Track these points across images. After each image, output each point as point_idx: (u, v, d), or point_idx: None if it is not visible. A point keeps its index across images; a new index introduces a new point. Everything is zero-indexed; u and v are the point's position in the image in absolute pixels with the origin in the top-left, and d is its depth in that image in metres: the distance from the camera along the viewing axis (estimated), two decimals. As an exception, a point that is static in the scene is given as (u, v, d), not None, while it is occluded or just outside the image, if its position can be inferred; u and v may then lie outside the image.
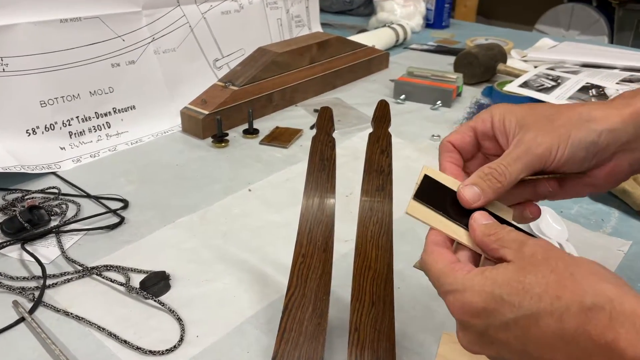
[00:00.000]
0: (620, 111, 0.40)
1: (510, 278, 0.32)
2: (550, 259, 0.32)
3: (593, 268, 0.32)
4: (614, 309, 0.29)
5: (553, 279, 0.31)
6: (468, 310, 0.34)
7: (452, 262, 0.36)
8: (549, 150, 0.39)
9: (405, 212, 0.41)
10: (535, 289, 0.31)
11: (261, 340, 0.52)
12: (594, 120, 0.39)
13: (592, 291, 0.30)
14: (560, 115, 0.40)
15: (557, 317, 0.30)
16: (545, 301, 0.31)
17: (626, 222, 0.71)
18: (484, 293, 0.33)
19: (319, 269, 0.51)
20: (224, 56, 1.14)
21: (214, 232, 0.69)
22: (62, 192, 0.77)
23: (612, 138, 0.39)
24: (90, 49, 0.91)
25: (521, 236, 0.35)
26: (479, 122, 0.43)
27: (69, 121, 0.89)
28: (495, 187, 0.39)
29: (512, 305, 0.32)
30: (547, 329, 0.31)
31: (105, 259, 0.63)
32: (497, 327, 0.33)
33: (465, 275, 0.35)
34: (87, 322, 0.54)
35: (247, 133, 0.96)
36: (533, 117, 0.41)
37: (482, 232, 0.37)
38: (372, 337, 0.47)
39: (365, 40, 1.35)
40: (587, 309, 0.29)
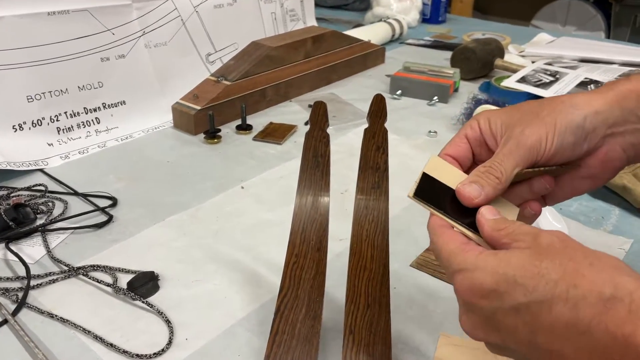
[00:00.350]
0: (603, 95, 0.40)
1: (526, 261, 0.31)
2: (568, 248, 0.31)
3: (613, 261, 0.30)
4: (633, 301, 0.28)
5: (571, 267, 0.30)
6: (477, 290, 0.33)
7: (464, 242, 0.36)
8: (538, 141, 0.38)
9: (407, 195, 0.41)
10: (552, 274, 0.30)
11: (253, 343, 0.51)
12: (577, 105, 0.39)
13: (612, 282, 0.29)
14: (544, 107, 0.40)
15: (572, 305, 0.29)
16: (561, 288, 0.29)
17: (627, 220, 0.70)
18: (496, 274, 0.32)
19: (312, 269, 0.50)
20: (217, 50, 1.11)
21: (205, 231, 0.67)
22: (49, 189, 0.75)
23: (598, 121, 0.39)
24: (78, 42, 0.89)
25: (534, 229, 0.34)
26: (468, 129, 0.43)
27: (57, 117, 0.86)
28: (494, 183, 0.38)
29: (526, 288, 0.30)
30: (560, 317, 0.29)
31: (92, 259, 0.61)
32: (506, 311, 0.31)
33: (477, 256, 0.33)
34: (72, 325, 0.52)
35: (240, 129, 0.94)
36: (518, 114, 0.40)
37: (491, 226, 0.36)
38: (368, 340, 0.46)
39: (361, 35, 1.33)
40: (606, 300, 0.28)
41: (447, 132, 0.95)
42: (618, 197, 0.73)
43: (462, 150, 0.42)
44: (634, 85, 0.40)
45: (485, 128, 0.42)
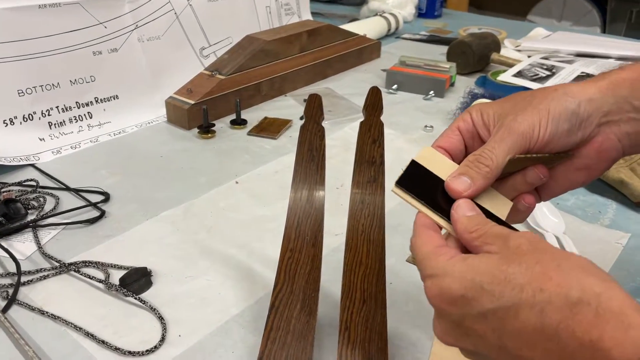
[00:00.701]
0: (596, 83, 0.40)
1: (493, 267, 0.31)
2: (536, 251, 0.31)
3: (581, 262, 0.30)
4: (600, 305, 0.27)
5: (538, 270, 0.29)
6: (445, 296, 0.32)
7: (439, 245, 0.35)
8: (531, 127, 0.38)
9: (391, 189, 0.40)
10: (518, 279, 0.29)
11: (247, 339, 0.50)
12: (571, 93, 0.39)
13: (579, 285, 0.28)
14: (537, 96, 0.40)
15: (539, 310, 0.28)
16: (527, 292, 0.29)
17: (624, 214, 0.70)
18: (464, 280, 0.31)
19: (307, 264, 0.49)
20: (211, 44, 1.10)
21: (199, 227, 0.66)
22: (40, 184, 0.74)
23: (592, 108, 0.39)
24: (70, 36, 0.87)
25: (505, 230, 0.34)
26: (460, 121, 0.42)
27: (49, 111, 0.85)
28: (484, 172, 0.38)
29: (492, 295, 0.30)
30: (527, 322, 0.29)
31: (83, 255, 0.60)
32: (474, 318, 0.31)
33: (447, 261, 0.33)
34: (63, 322, 0.51)
35: (235, 124, 0.93)
36: (510, 104, 0.40)
37: (464, 227, 0.36)
38: (363, 336, 0.45)
39: (357, 29, 1.32)
40: (572, 304, 0.28)
41: (443, 126, 0.94)
42: (615, 191, 0.73)
43: (454, 142, 0.42)
44: (627, 74, 0.40)
45: (478, 119, 0.41)
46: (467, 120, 0.42)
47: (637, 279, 0.58)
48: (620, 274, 0.59)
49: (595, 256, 0.61)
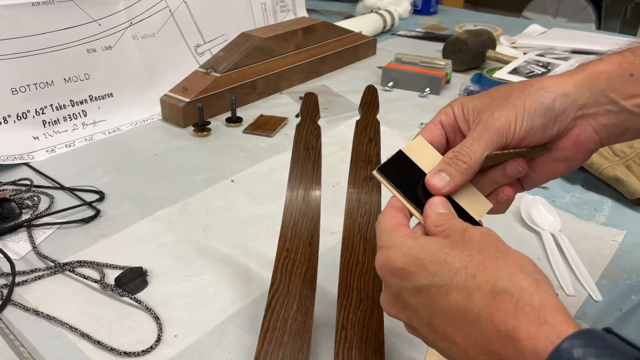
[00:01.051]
0: (573, 77, 0.40)
1: (438, 248, 0.33)
2: (484, 243, 0.33)
3: (520, 260, 0.32)
4: (521, 298, 0.29)
5: (477, 259, 0.31)
6: (388, 267, 0.35)
7: (399, 224, 0.37)
8: (507, 123, 0.38)
9: (372, 172, 0.41)
10: (457, 263, 0.32)
11: (243, 339, 0.50)
12: (547, 88, 0.39)
13: (508, 277, 0.30)
14: (514, 90, 0.40)
15: (466, 294, 0.30)
16: (460, 276, 0.31)
17: (619, 212, 0.70)
18: (408, 255, 0.34)
19: (304, 264, 0.49)
20: (206, 42, 1.10)
21: (195, 226, 0.66)
22: (34, 183, 0.74)
23: (567, 102, 0.39)
24: (64, 33, 0.87)
25: (467, 225, 0.35)
26: (442, 115, 0.43)
27: (43, 109, 0.85)
28: (462, 169, 0.39)
29: (429, 272, 0.32)
30: (454, 303, 0.31)
31: (78, 255, 0.60)
32: (410, 291, 0.33)
33: (400, 236, 0.35)
34: (58, 322, 0.51)
35: (230, 121, 0.92)
36: (488, 99, 0.41)
37: (432, 221, 0.37)
38: (360, 335, 0.45)
39: (352, 26, 1.32)
40: (496, 292, 0.29)
41: (439, 124, 0.94)
42: (611, 188, 0.73)
43: (437, 136, 0.42)
44: (605, 66, 0.40)
45: (459, 113, 0.42)
46: (449, 114, 0.42)
47: (632, 276, 0.58)
48: (616, 272, 0.59)
49: (591, 254, 0.61)
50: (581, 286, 0.56)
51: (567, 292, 0.55)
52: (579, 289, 0.56)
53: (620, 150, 0.75)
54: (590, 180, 0.75)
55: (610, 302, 0.54)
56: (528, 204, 0.68)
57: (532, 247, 0.62)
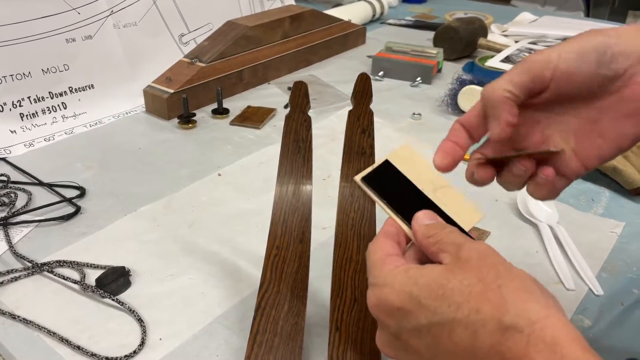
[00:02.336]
0: (630, 26, 0.35)
1: (433, 280, 0.30)
2: (483, 267, 0.30)
3: (525, 284, 0.29)
4: (533, 333, 0.26)
5: (478, 290, 0.29)
6: (383, 307, 0.32)
7: (388, 254, 0.34)
8: (546, 57, 0.35)
9: (354, 178, 0.39)
10: (456, 297, 0.29)
11: (232, 341, 0.47)
12: (604, 31, 0.35)
13: (515, 310, 0.27)
14: None
15: (472, 331, 0.28)
16: (462, 312, 0.28)
17: (617, 202, 0.68)
18: (402, 293, 0.31)
19: (295, 262, 0.47)
20: (191, 31, 1.06)
21: (180, 222, 0.63)
22: (11, 179, 0.70)
23: (625, 45, 0.34)
24: (41, 22, 0.83)
25: (460, 238, 0.33)
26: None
27: (20, 102, 0.81)
28: (493, 98, 0.36)
29: (428, 310, 0.30)
30: (459, 342, 0.28)
31: (58, 254, 0.57)
32: (410, 332, 0.31)
33: (390, 271, 0.33)
34: (36, 326, 0.48)
35: (216, 113, 0.89)
36: None
37: (422, 233, 0.35)
38: (355, 337, 0.43)
39: (341, 14, 1.29)
40: (504, 329, 0.27)
41: (431, 114, 0.92)
42: (608, 178, 0.71)
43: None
44: None
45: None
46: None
47: (633, 269, 0.57)
48: (616, 265, 0.57)
49: (589, 246, 0.59)
50: (581, 280, 0.55)
51: (567, 286, 0.54)
52: (579, 283, 0.54)
53: (617, 140, 0.73)
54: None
55: (611, 296, 0.53)
56: (524, 195, 0.66)
57: (530, 240, 0.61)
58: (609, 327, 0.49)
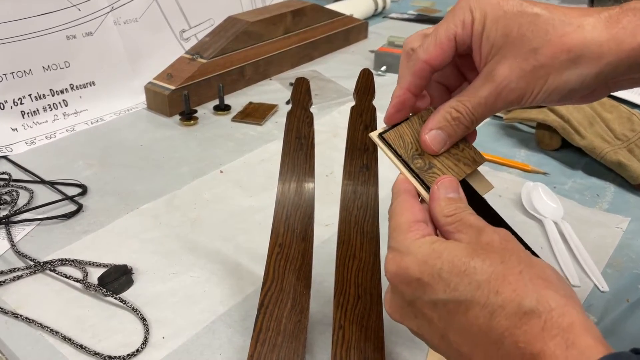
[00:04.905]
0: (619, 46, 0.32)
1: (456, 257, 0.30)
2: (505, 251, 0.30)
3: (546, 272, 0.29)
4: (550, 319, 0.26)
5: (499, 271, 0.28)
6: (403, 275, 0.32)
7: (416, 220, 0.33)
8: (520, 97, 0.34)
9: (369, 134, 0.38)
10: (477, 275, 0.29)
11: (235, 340, 0.47)
12: (583, 60, 0.32)
13: (535, 295, 0.27)
14: (547, 47, 0.33)
15: (489, 312, 0.28)
16: (482, 291, 0.28)
17: (622, 197, 0.68)
18: (424, 264, 0.31)
19: (298, 260, 0.46)
20: (192, 27, 1.06)
21: (182, 220, 0.63)
22: (13, 177, 0.70)
23: (597, 80, 0.34)
24: (42, 19, 0.83)
25: (481, 223, 0.32)
26: (458, 27, 0.35)
27: (21, 99, 0.81)
28: (462, 128, 0.36)
29: (448, 285, 0.29)
30: (475, 321, 0.28)
31: (60, 252, 0.57)
32: (425, 302, 0.31)
33: (415, 240, 0.32)
34: (38, 325, 0.48)
35: (218, 109, 0.89)
36: (516, 35, 0.33)
37: (441, 209, 0.34)
38: (359, 335, 0.42)
39: (343, 9, 1.28)
40: (523, 313, 0.27)
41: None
42: (613, 173, 0.71)
43: (446, 57, 0.35)
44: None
45: (478, 32, 0.34)
46: (467, 28, 0.34)
47: (639, 265, 0.56)
48: (622, 261, 0.57)
49: (595, 242, 0.59)
50: (586, 276, 0.54)
51: (572, 282, 0.53)
52: (585, 280, 0.54)
53: (622, 134, 0.72)
54: (591, 165, 0.73)
55: (617, 292, 0.52)
56: (529, 191, 0.65)
57: (535, 236, 0.60)
58: (614, 323, 0.49)
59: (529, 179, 0.69)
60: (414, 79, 0.37)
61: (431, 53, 0.35)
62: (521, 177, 0.71)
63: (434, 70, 0.36)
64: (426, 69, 0.36)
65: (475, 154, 0.38)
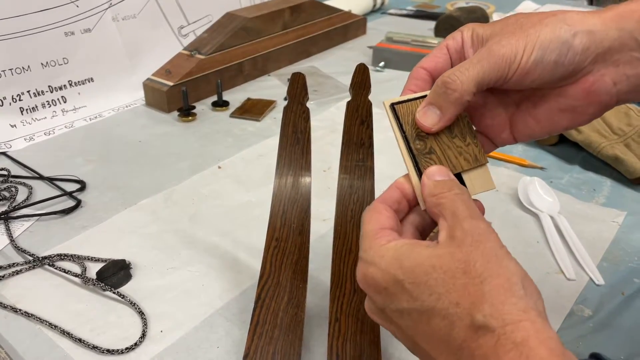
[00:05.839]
0: (601, 15, 0.35)
1: (418, 266, 0.30)
2: (472, 254, 0.29)
3: (510, 281, 0.28)
4: (504, 334, 0.26)
5: (460, 282, 0.28)
6: (371, 284, 0.33)
7: (382, 227, 0.34)
8: (513, 52, 0.34)
9: (382, 101, 0.38)
10: (439, 287, 0.29)
11: (233, 333, 0.47)
12: (569, 21, 0.34)
13: (491, 309, 0.27)
14: (531, 19, 0.35)
15: (449, 322, 0.28)
16: (442, 303, 0.29)
17: (619, 192, 0.68)
18: (388, 274, 0.31)
19: (294, 254, 0.47)
20: (190, 23, 1.06)
21: (180, 215, 0.63)
22: (12, 173, 0.70)
23: (589, 41, 0.34)
24: (40, 15, 0.83)
25: (462, 210, 0.32)
26: (450, 40, 0.39)
27: (20, 96, 0.81)
28: (453, 98, 0.35)
29: (410, 295, 0.30)
30: (437, 330, 0.29)
31: (59, 248, 0.57)
32: (393, 311, 0.32)
33: (380, 247, 0.33)
34: (37, 319, 0.48)
35: (216, 105, 0.89)
36: (501, 26, 0.36)
37: (429, 190, 0.34)
38: (355, 328, 0.43)
39: (341, 4, 1.28)
40: (477, 327, 0.27)
41: (432, 104, 0.91)
42: (610, 168, 0.71)
43: (440, 62, 0.38)
44: (637, 5, 0.35)
45: (467, 39, 0.38)
46: (457, 39, 0.38)
47: (634, 259, 0.56)
48: (618, 254, 0.57)
49: (591, 236, 0.59)
50: (582, 270, 0.55)
51: (567, 276, 0.54)
52: (580, 273, 0.54)
53: (619, 129, 0.73)
54: (588, 159, 0.73)
55: (612, 285, 0.53)
56: (525, 185, 0.65)
57: (531, 230, 0.60)
58: (609, 316, 0.49)
59: (526, 174, 0.69)
60: (412, 80, 0.40)
61: (425, 61, 0.39)
62: (518, 172, 0.71)
63: (430, 73, 0.39)
64: (421, 72, 0.39)
65: (479, 153, 0.37)
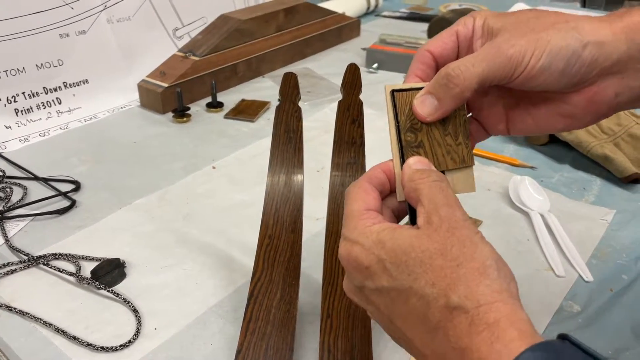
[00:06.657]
0: (611, 24, 0.34)
1: (399, 247, 0.31)
2: (449, 239, 0.30)
3: (484, 265, 0.29)
4: (477, 315, 0.27)
5: (437, 264, 0.29)
6: (353, 263, 0.33)
7: (367, 208, 0.34)
8: (521, 53, 0.34)
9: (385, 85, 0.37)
10: (417, 267, 0.30)
11: (226, 330, 0.48)
12: (581, 30, 0.34)
13: (465, 291, 0.28)
14: (544, 20, 0.35)
15: (425, 302, 0.29)
16: (419, 283, 0.29)
17: (608, 190, 0.69)
18: (371, 254, 0.32)
19: (287, 251, 0.47)
20: (184, 25, 1.06)
21: (175, 214, 0.63)
22: (7, 174, 0.71)
23: (599, 53, 0.34)
24: (34, 17, 0.83)
25: (439, 197, 0.32)
26: (460, 25, 0.37)
27: (15, 97, 0.81)
28: (454, 93, 0.34)
29: (390, 275, 0.31)
30: (413, 310, 0.30)
31: (53, 247, 0.58)
32: (372, 290, 0.32)
33: (365, 228, 0.33)
34: (32, 318, 0.49)
35: (211, 107, 0.90)
36: (514, 21, 0.35)
37: (408, 176, 0.34)
38: (346, 324, 0.43)
39: (335, 7, 1.29)
40: (452, 308, 0.28)
41: (425, 105, 0.92)
42: (599, 167, 0.72)
43: (447, 49, 0.37)
44: None
45: (478, 28, 0.37)
46: (469, 27, 0.37)
47: (623, 256, 0.57)
48: (607, 251, 0.58)
49: (580, 234, 0.60)
50: (571, 267, 0.55)
51: (557, 273, 0.54)
52: (569, 270, 0.55)
53: (609, 128, 0.74)
54: (578, 159, 0.74)
55: (601, 282, 0.53)
56: (516, 184, 0.66)
57: (521, 228, 0.61)
58: (598, 312, 0.50)
59: (517, 173, 0.70)
60: (416, 63, 0.38)
61: (432, 44, 0.38)
62: (509, 171, 0.72)
63: (435, 58, 0.38)
64: (427, 55, 0.38)
65: (467, 155, 0.37)
